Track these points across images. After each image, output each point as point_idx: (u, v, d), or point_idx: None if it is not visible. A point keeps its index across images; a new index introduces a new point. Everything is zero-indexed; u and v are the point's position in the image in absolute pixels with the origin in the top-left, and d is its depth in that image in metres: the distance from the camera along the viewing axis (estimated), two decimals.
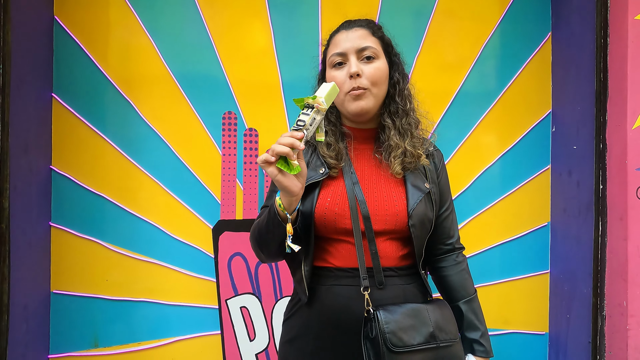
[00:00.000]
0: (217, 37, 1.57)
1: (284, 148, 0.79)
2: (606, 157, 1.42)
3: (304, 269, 0.94)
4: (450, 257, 1.05)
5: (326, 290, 0.94)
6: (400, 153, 0.96)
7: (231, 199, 1.58)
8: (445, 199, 1.04)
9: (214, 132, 1.58)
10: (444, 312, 0.93)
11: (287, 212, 0.86)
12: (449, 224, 1.05)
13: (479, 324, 1.02)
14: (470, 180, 1.66)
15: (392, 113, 0.99)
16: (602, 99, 1.43)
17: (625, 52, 1.35)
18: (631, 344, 1.35)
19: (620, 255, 1.38)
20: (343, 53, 0.96)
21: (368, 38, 0.97)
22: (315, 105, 0.82)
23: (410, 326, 0.86)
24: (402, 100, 1.00)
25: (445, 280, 1.04)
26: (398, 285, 0.95)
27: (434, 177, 1.02)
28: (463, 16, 1.65)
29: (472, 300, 1.03)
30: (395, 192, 0.96)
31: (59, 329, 1.51)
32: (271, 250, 0.94)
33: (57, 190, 1.51)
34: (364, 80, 0.94)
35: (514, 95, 1.66)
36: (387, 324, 0.84)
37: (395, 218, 0.94)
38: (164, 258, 1.56)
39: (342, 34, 0.98)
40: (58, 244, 1.51)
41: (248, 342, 1.58)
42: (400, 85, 1.00)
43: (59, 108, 1.51)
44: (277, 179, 0.81)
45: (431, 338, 0.87)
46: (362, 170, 0.99)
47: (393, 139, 0.97)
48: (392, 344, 0.84)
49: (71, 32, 1.50)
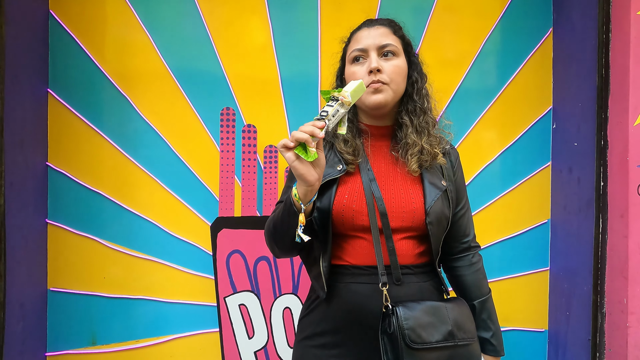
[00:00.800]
0: (215, 33, 1.55)
1: (303, 134, 0.79)
2: (607, 154, 1.42)
3: (322, 265, 0.95)
4: (466, 257, 1.06)
5: (343, 287, 0.95)
6: (417, 151, 0.97)
7: (229, 196, 1.57)
8: (461, 197, 1.05)
9: (212, 128, 1.56)
10: (463, 310, 0.94)
11: (302, 202, 0.86)
12: (464, 222, 1.05)
13: (491, 323, 1.03)
14: (470, 177, 1.65)
15: (410, 111, 1.00)
16: (603, 96, 1.42)
17: (628, 48, 1.34)
18: (631, 341, 1.35)
19: (620, 252, 1.38)
20: (364, 49, 0.97)
21: (389, 36, 0.99)
22: (340, 98, 0.84)
23: (429, 324, 0.86)
24: (420, 99, 1.01)
25: (460, 280, 1.05)
26: (414, 283, 0.95)
27: (450, 175, 1.02)
28: (463, 12, 1.64)
29: (486, 300, 1.04)
30: (412, 190, 0.97)
31: (56, 327, 1.50)
32: (286, 243, 0.93)
33: (54, 186, 1.49)
34: (383, 75, 0.95)
35: (514, 92, 1.65)
36: (407, 320, 0.85)
37: (413, 215, 0.94)
38: (162, 255, 1.55)
39: (364, 31, 1.00)
40: (55, 241, 1.50)
41: (247, 340, 1.58)
42: (418, 84, 1.02)
43: (54, 104, 1.49)
44: (294, 164, 0.81)
45: (450, 336, 0.87)
46: (379, 167, 0.99)
47: (410, 136, 0.97)
48: (410, 341, 0.84)
49: (67, 26, 1.49)
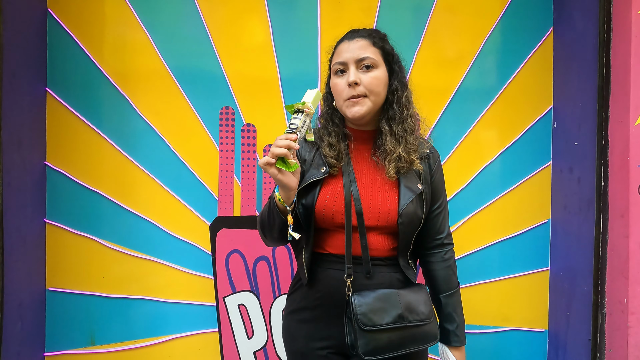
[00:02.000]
0: (215, 32, 1.55)
1: (282, 150, 0.89)
2: (608, 153, 1.41)
3: (304, 255, 1.06)
4: (439, 254, 1.14)
5: (322, 271, 1.07)
6: (394, 158, 1.05)
7: (229, 196, 1.56)
8: (437, 197, 1.13)
9: (211, 127, 1.56)
10: (418, 295, 1.04)
11: (287, 204, 0.97)
12: (439, 220, 1.13)
13: (455, 316, 1.12)
14: (470, 177, 1.65)
15: (390, 119, 1.07)
16: (604, 95, 1.41)
17: (629, 47, 1.34)
18: (632, 341, 1.35)
19: (621, 252, 1.37)
20: (344, 62, 1.04)
21: (368, 49, 1.04)
22: (305, 110, 0.93)
23: (380, 308, 0.98)
24: (400, 107, 1.07)
25: (431, 274, 1.14)
26: (385, 273, 1.06)
27: (427, 178, 1.10)
28: (463, 11, 1.63)
29: (452, 294, 1.13)
30: (389, 193, 1.05)
31: (54, 327, 1.50)
32: (274, 236, 1.04)
33: (52, 186, 1.49)
34: (361, 88, 1.02)
35: (514, 91, 1.65)
36: (360, 307, 0.98)
37: (387, 216, 1.04)
38: (161, 255, 1.54)
39: (345, 44, 1.06)
40: (53, 241, 1.49)
41: (246, 340, 1.57)
42: (398, 92, 1.07)
43: (53, 103, 1.48)
44: (278, 178, 0.91)
45: (399, 319, 0.99)
46: (360, 170, 1.08)
47: (388, 144, 1.05)
48: (362, 324, 0.97)
49: (65, 25, 1.48)
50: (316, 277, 1.07)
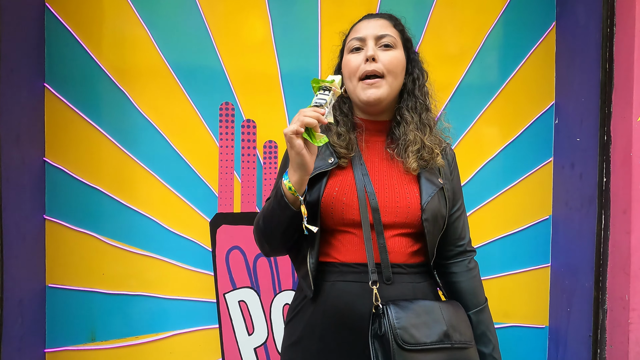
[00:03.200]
0: (215, 27, 1.53)
1: (311, 119, 0.78)
2: (610, 149, 1.40)
3: (310, 262, 0.91)
4: (463, 263, 1.01)
5: (330, 286, 0.90)
6: (417, 148, 0.93)
7: (229, 192, 1.55)
8: (457, 197, 1.02)
9: (211, 123, 1.55)
10: (459, 312, 0.89)
11: (299, 193, 0.84)
12: (460, 224, 1.02)
13: (490, 336, 0.99)
14: (472, 172, 1.64)
15: (411, 108, 0.97)
16: (607, 90, 1.40)
17: (632, 41, 1.33)
18: (632, 337, 1.35)
19: (622, 248, 1.37)
20: (362, 38, 0.95)
21: (389, 28, 0.97)
22: (333, 89, 0.83)
23: (423, 323, 0.81)
24: (422, 95, 0.99)
25: (456, 287, 1.00)
26: (407, 283, 0.90)
27: (447, 174, 0.99)
28: (465, 6, 1.61)
29: (483, 310, 0.99)
30: (407, 186, 0.93)
31: (55, 323, 1.49)
32: (276, 239, 0.91)
33: (51, 182, 1.48)
34: (379, 65, 0.92)
35: (516, 87, 1.64)
36: (398, 320, 0.80)
37: (407, 210, 0.90)
38: (161, 251, 1.54)
39: (364, 22, 0.99)
40: (53, 237, 1.49)
41: (246, 337, 1.57)
42: (420, 80, 0.99)
43: (51, 98, 1.47)
44: (302, 153, 0.80)
45: (445, 337, 0.82)
46: (373, 162, 0.96)
47: (411, 133, 0.94)
48: (403, 341, 0.79)
49: (63, 20, 1.47)
50: (322, 293, 0.90)
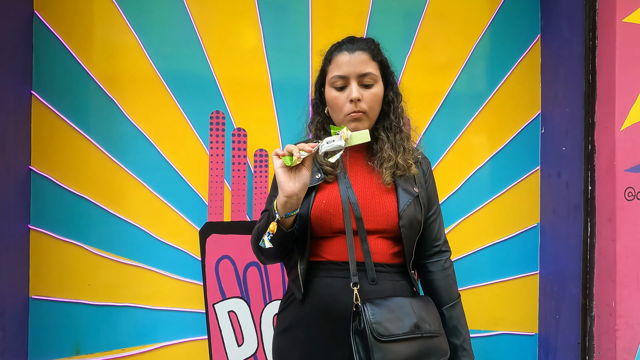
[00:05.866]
0: (205, 35, 1.54)
1: (293, 146, 0.91)
2: (595, 158, 1.43)
3: (300, 267, 1.01)
4: (439, 263, 1.11)
5: (319, 281, 1.01)
6: (391, 165, 1.05)
7: (219, 201, 1.54)
8: (432, 203, 1.12)
9: (201, 131, 1.54)
10: (428, 306, 1.00)
11: (277, 211, 0.93)
12: (436, 227, 1.12)
13: (461, 329, 1.07)
14: (460, 181, 1.66)
15: (386, 128, 1.08)
16: (590, 101, 1.44)
17: (614, 54, 1.37)
18: (619, 344, 1.36)
19: (608, 256, 1.39)
20: (345, 77, 1.02)
21: (369, 63, 1.03)
22: (340, 133, 0.94)
23: (396, 317, 0.92)
24: (396, 117, 1.08)
25: (432, 284, 1.11)
26: (388, 281, 1.01)
27: (422, 183, 1.10)
28: (453, 17, 1.65)
29: (455, 305, 1.09)
30: (386, 196, 1.04)
31: (38, 336, 1.45)
32: (271, 254, 1.00)
33: (37, 191, 1.45)
34: (363, 104, 1.02)
35: (503, 97, 1.67)
36: (374, 315, 0.91)
37: (387, 218, 1.01)
38: (149, 261, 1.51)
39: (345, 55, 1.03)
40: (37, 247, 1.45)
41: (236, 347, 1.55)
42: (394, 103, 1.08)
43: (38, 106, 1.45)
44: (278, 170, 0.91)
45: (415, 328, 0.93)
46: (356, 176, 1.07)
47: (386, 151, 1.05)
48: (378, 334, 0.90)
49: (52, 27, 1.45)
50: (312, 289, 1.01)
